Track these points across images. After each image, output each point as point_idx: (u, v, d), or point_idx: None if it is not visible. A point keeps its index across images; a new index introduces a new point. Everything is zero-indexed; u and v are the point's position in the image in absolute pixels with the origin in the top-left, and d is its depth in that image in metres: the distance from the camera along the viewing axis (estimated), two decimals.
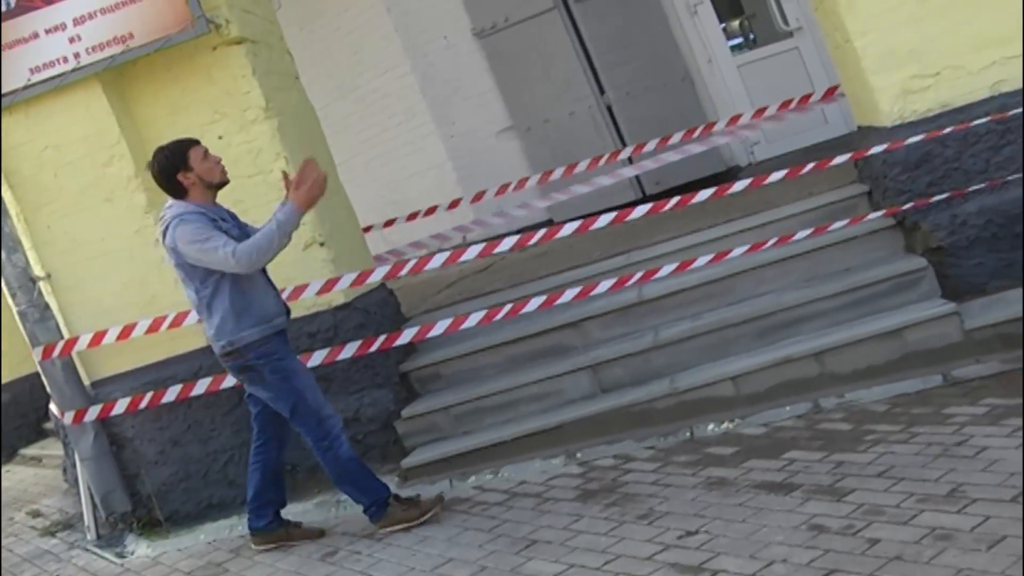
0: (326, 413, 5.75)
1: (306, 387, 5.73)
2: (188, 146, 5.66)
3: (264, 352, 5.63)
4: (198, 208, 5.57)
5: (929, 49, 6.25)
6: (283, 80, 7.42)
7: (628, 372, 6.59)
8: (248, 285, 5.61)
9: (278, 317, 5.73)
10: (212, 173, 5.68)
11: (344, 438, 5.79)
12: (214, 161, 5.71)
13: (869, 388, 5.94)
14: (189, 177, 5.60)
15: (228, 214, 5.79)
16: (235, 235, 5.59)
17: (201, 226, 5.47)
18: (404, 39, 10.73)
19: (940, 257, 6.33)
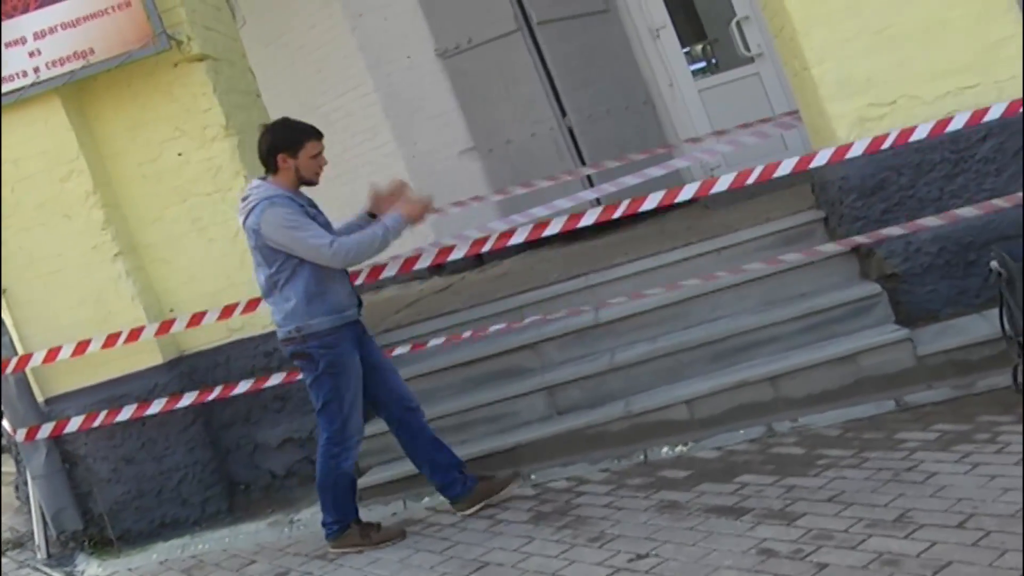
0: (353, 424, 5.71)
1: (347, 390, 5.65)
2: (309, 136, 5.63)
3: (327, 342, 5.57)
4: (287, 193, 5.54)
5: (885, 78, 6.33)
6: (244, 98, 7.43)
7: (584, 394, 6.62)
8: (325, 273, 5.56)
9: (349, 309, 5.68)
10: (310, 171, 5.66)
11: (354, 454, 5.76)
12: (319, 164, 5.69)
13: (822, 413, 5.97)
14: (288, 162, 5.57)
15: (307, 203, 5.76)
16: (321, 222, 5.58)
17: (294, 212, 5.45)
18: (368, 58, 10.72)
19: (894, 284, 6.40)
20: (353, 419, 5.72)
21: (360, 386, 5.74)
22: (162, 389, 6.75)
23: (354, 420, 5.72)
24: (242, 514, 6.89)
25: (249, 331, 6.96)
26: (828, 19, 6.35)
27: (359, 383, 5.73)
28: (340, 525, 5.80)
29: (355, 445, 5.77)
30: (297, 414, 6.93)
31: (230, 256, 6.97)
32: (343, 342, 5.63)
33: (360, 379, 5.74)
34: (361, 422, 5.80)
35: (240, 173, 6.90)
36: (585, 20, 10.31)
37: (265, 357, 6.91)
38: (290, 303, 5.57)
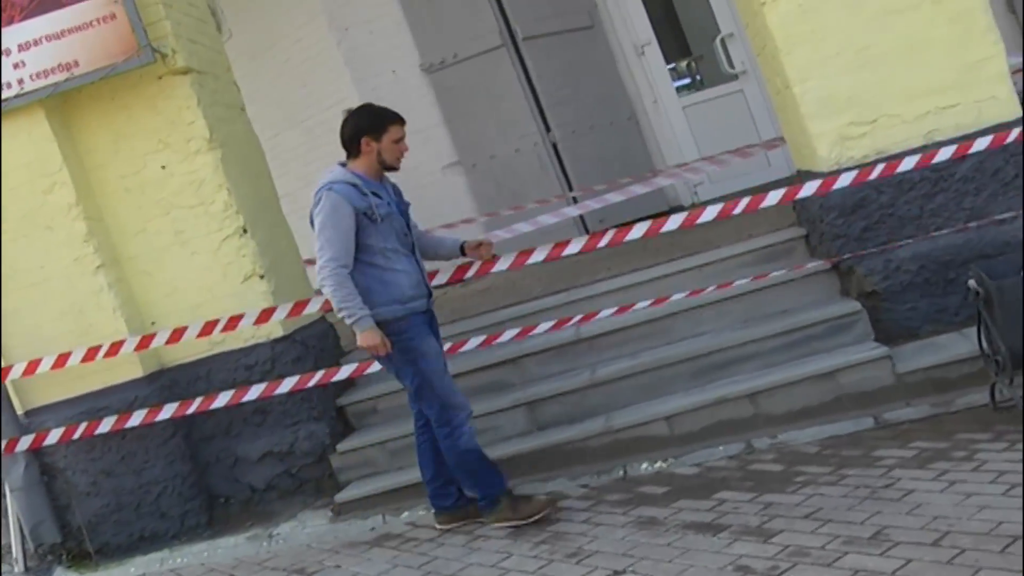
0: (452, 402, 5.65)
1: (433, 372, 5.61)
2: (392, 120, 5.68)
3: (395, 330, 5.53)
4: (354, 179, 5.53)
5: (866, 97, 6.39)
6: (228, 111, 7.44)
7: (564, 409, 6.63)
8: (386, 264, 5.55)
9: (416, 300, 5.62)
10: (392, 156, 5.67)
11: (467, 429, 5.67)
12: (401, 150, 5.70)
13: (802, 429, 6.00)
14: (372, 146, 5.60)
15: (392, 189, 5.77)
16: (381, 213, 5.51)
17: (340, 208, 5.41)
18: (353, 72, 10.73)
19: (874, 301, 6.43)
20: (453, 399, 5.66)
21: (443, 365, 5.71)
22: (142, 402, 6.74)
23: (455, 399, 5.66)
24: (221, 528, 6.87)
25: (230, 344, 6.96)
26: (810, 38, 6.40)
27: (441, 362, 5.69)
28: (489, 499, 5.73)
29: (464, 421, 5.66)
30: (278, 428, 6.94)
31: (212, 269, 6.97)
32: (410, 328, 5.59)
33: (441, 358, 5.72)
34: (461, 397, 5.72)
35: (223, 186, 6.90)
36: (570, 36, 10.35)
37: (246, 370, 6.91)
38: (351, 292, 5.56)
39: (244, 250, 6.96)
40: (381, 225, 5.51)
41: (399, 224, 5.65)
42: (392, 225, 5.59)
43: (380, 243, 5.51)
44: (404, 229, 5.67)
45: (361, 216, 5.45)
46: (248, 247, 6.96)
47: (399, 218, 5.66)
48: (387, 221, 5.55)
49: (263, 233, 7.18)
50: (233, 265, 6.97)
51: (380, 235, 5.51)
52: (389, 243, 5.55)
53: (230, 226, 6.95)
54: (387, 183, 5.77)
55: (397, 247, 5.59)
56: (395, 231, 5.60)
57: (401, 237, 5.63)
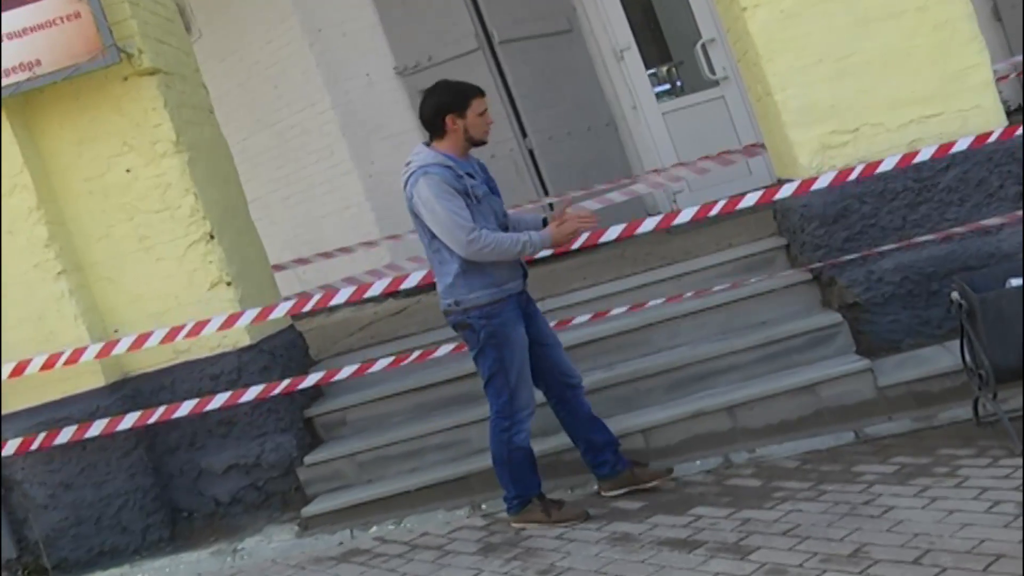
0: (521, 396, 5.60)
1: (513, 362, 5.55)
2: (474, 94, 5.56)
3: (487, 314, 5.49)
4: (445, 160, 5.43)
5: (848, 106, 6.40)
6: (196, 113, 7.39)
7: (537, 422, 6.42)
8: None
9: (511, 282, 5.56)
10: (479, 130, 5.55)
11: (526, 427, 5.64)
12: (488, 122, 5.59)
13: (780, 444, 6.01)
14: (457, 123, 5.49)
15: (478, 166, 5.67)
16: (479, 193, 5.45)
17: (445, 184, 5.34)
18: (325, 75, 10.70)
19: (855, 313, 6.44)
20: (521, 392, 5.60)
21: (526, 358, 5.63)
22: (104, 412, 6.66)
23: (522, 393, 5.61)
24: (184, 543, 6.81)
25: (195, 353, 6.91)
26: (792, 45, 6.41)
27: (525, 355, 5.62)
28: (520, 500, 5.70)
29: (526, 419, 5.64)
30: (244, 439, 6.89)
31: (177, 276, 6.93)
32: (504, 313, 5.52)
33: (526, 351, 5.63)
34: (531, 395, 5.68)
35: (190, 191, 6.86)
36: (548, 40, 10.33)
37: (211, 380, 6.86)
38: (449, 276, 5.51)
39: (211, 256, 6.91)
40: (480, 206, 5.46)
41: (495, 204, 5.60)
42: (491, 205, 5.55)
43: (480, 224, 5.41)
44: (500, 209, 5.63)
45: (463, 196, 5.39)
46: (215, 253, 6.91)
47: (494, 197, 5.61)
48: (485, 201, 5.50)
49: (230, 239, 7.13)
50: (199, 272, 6.92)
51: (481, 216, 5.44)
52: (489, 224, 5.47)
53: (196, 231, 6.90)
54: (471, 162, 5.65)
55: (495, 227, 5.52)
56: (493, 211, 5.55)
57: (499, 218, 5.59)
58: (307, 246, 10.57)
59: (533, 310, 5.81)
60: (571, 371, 5.84)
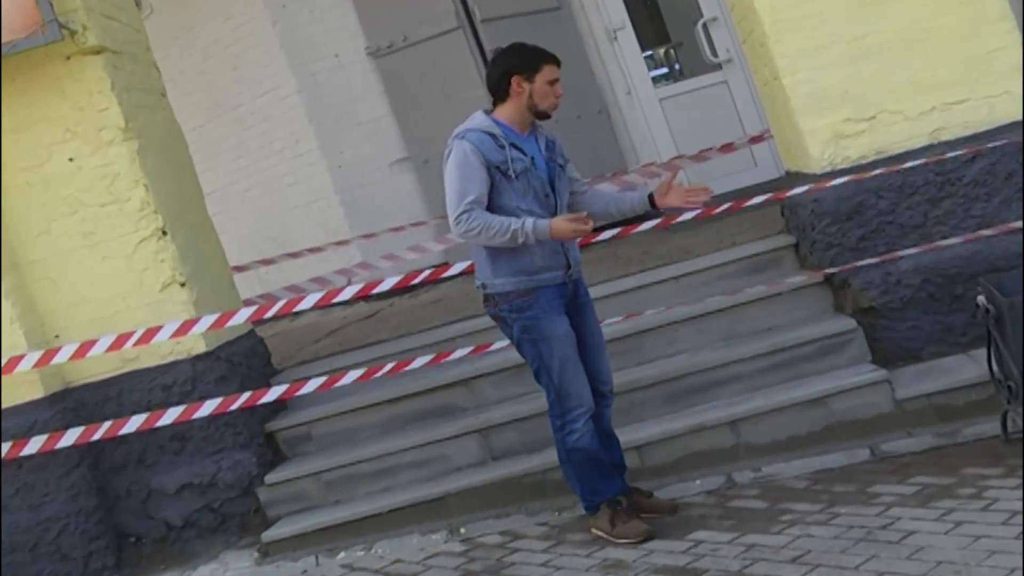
0: (569, 391, 5.50)
1: (555, 357, 5.46)
2: (548, 59, 5.56)
3: (518, 306, 5.44)
4: (494, 127, 5.41)
5: (864, 91, 6.37)
6: (147, 97, 7.33)
7: (522, 437, 6.59)
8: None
9: (547, 271, 5.47)
10: (546, 99, 5.51)
11: (580, 427, 5.51)
12: (557, 93, 5.54)
13: (788, 462, 5.99)
14: (524, 86, 5.47)
15: (546, 143, 5.61)
16: (519, 168, 5.38)
17: (469, 159, 5.32)
18: (290, 55, 10.65)
19: (871, 319, 6.41)
20: (570, 390, 5.50)
21: (572, 353, 5.53)
22: (43, 426, 6.60)
23: (572, 391, 5.50)
24: (131, 571, 6.75)
25: (145, 361, 6.85)
26: (802, 24, 6.38)
27: (569, 350, 5.52)
28: (589, 504, 5.66)
29: (579, 418, 5.51)
30: (198, 456, 6.83)
31: (126, 276, 6.87)
32: (537, 305, 5.46)
33: (571, 345, 5.53)
34: (584, 393, 5.54)
35: (140, 182, 6.80)
36: (534, 18, 10.31)
37: (163, 391, 6.80)
38: (477, 257, 5.53)
39: (163, 254, 6.85)
40: (516, 182, 5.39)
41: (538, 183, 5.49)
42: (530, 183, 5.45)
43: (513, 202, 5.38)
44: (545, 189, 5.51)
45: (494, 171, 5.35)
46: (167, 251, 6.86)
47: (539, 176, 5.50)
48: (524, 178, 5.42)
49: (185, 235, 7.08)
50: (150, 271, 6.87)
51: (515, 193, 5.39)
52: (524, 203, 5.41)
53: (147, 227, 6.84)
54: (540, 135, 5.62)
55: (534, 208, 5.44)
56: (533, 190, 5.46)
57: (540, 198, 5.48)
58: (270, 244, 10.53)
59: (583, 302, 5.73)
60: (604, 377, 5.76)
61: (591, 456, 5.58)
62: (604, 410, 5.74)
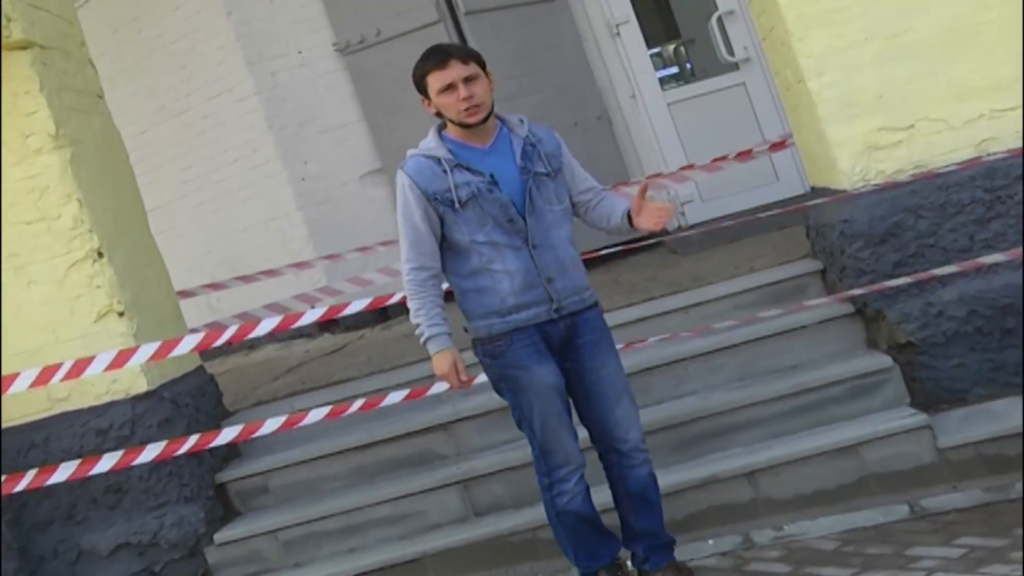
0: (554, 450, 5.37)
1: (534, 410, 5.33)
2: (428, 68, 5.30)
3: (490, 351, 5.34)
4: (436, 149, 5.30)
5: (901, 96, 6.37)
6: (82, 99, 7.33)
7: (509, 491, 6.59)
8: (481, 263, 5.30)
9: (523, 310, 5.29)
10: (452, 110, 5.29)
11: (571, 487, 5.41)
12: (457, 98, 5.26)
13: (814, 519, 5.97)
14: (431, 107, 5.37)
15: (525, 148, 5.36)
16: (464, 195, 5.21)
17: (405, 197, 5.28)
18: (247, 52, 10.65)
19: (909, 355, 6.39)
20: (554, 447, 5.37)
21: (555, 406, 5.36)
22: None
23: (557, 448, 5.37)
24: None
25: (77, 401, 6.87)
26: (830, 19, 6.39)
27: (553, 400, 5.36)
28: (584, 571, 5.60)
29: (569, 477, 5.41)
30: (137, 511, 6.82)
31: (56, 303, 6.88)
32: (512, 351, 5.31)
33: (557, 394, 5.37)
34: (568, 449, 5.40)
35: (73, 196, 6.81)
36: (525, 10, 10.34)
37: (97, 435, 6.78)
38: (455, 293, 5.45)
39: (98, 279, 6.87)
40: (465, 212, 5.25)
41: (496, 207, 5.29)
42: (484, 209, 5.27)
43: (467, 235, 5.26)
44: (508, 213, 5.28)
45: (436, 203, 5.25)
46: (104, 275, 6.88)
47: (498, 198, 5.29)
48: (474, 205, 5.26)
49: (124, 257, 7.09)
50: (84, 299, 6.89)
51: (466, 225, 5.26)
52: (481, 234, 5.27)
53: (80, 248, 6.86)
54: (516, 139, 5.40)
55: (496, 237, 5.29)
56: (491, 216, 5.28)
57: (502, 224, 5.29)
58: (222, 267, 10.52)
59: (585, 342, 5.48)
60: (622, 431, 5.52)
61: (584, 520, 5.52)
62: (628, 471, 5.56)
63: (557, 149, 5.49)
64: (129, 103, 10.32)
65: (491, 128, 5.38)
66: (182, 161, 11.08)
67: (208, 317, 9.79)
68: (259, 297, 9.33)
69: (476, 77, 5.26)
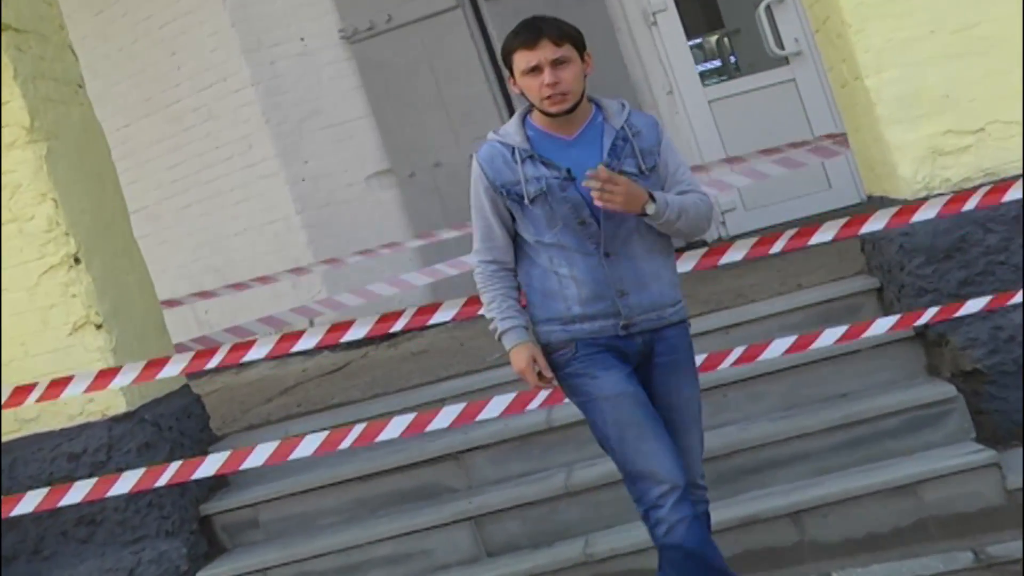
0: (640, 472, 5.08)
1: (607, 423, 5.11)
2: (514, 46, 5.11)
3: (556, 361, 5.12)
4: (512, 135, 5.15)
5: (970, 96, 6.34)
6: (60, 88, 7.34)
7: (526, 529, 6.57)
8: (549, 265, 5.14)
9: (587, 322, 5.10)
10: (536, 96, 5.09)
11: (666, 512, 5.02)
12: (542, 82, 5.04)
13: (867, 566, 5.94)
14: (515, 86, 5.19)
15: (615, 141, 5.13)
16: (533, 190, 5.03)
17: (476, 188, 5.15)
18: (244, 38, 10.68)
19: (975, 384, 6.37)
20: (639, 466, 5.08)
21: (635, 414, 5.10)
22: None
23: (643, 468, 5.07)
24: None
25: (48, 422, 6.88)
26: (891, 9, 6.36)
27: (630, 409, 5.11)
28: None
29: (663, 501, 5.03)
30: (112, 545, 6.82)
31: (27, 313, 6.89)
32: (576, 362, 5.14)
33: (634, 403, 5.11)
34: (656, 467, 5.05)
35: (48, 195, 6.83)
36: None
37: (69, 461, 6.79)
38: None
39: (74, 287, 6.88)
40: (534, 209, 5.10)
41: (567, 207, 5.12)
42: (554, 208, 5.11)
43: (533, 235, 5.13)
44: (580, 214, 5.11)
45: (503, 196, 5.12)
46: (80, 283, 6.89)
47: (569, 197, 5.11)
48: (543, 203, 5.10)
49: (103, 264, 7.11)
50: (58, 309, 6.89)
51: (533, 224, 5.13)
52: (548, 235, 5.12)
53: (56, 252, 6.88)
54: (608, 129, 5.18)
55: (563, 241, 5.12)
56: (561, 217, 5.11)
57: (572, 225, 5.12)
58: (212, 276, 10.53)
59: (663, 362, 5.28)
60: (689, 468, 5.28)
61: (692, 555, 5.12)
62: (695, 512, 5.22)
63: (656, 144, 5.22)
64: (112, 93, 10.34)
65: (581, 116, 5.18)
66: (170, 158, 11.10)
67: (195, 330, 9.80)
68: (252, 308, 9.35)
69: (567, 61, 5.03)
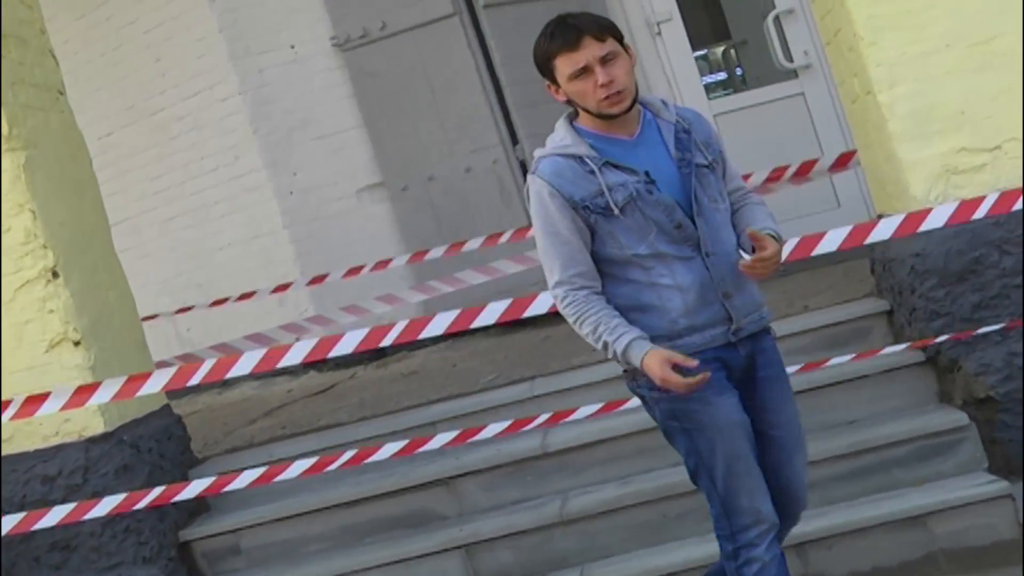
0: (741, 507, 4.89)
1: (717, 454, 4.86)
2: (554, 51, 4.88)
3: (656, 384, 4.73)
4: (573, 146, 4.88)
5: (986, 112, 6.35)
6: (40, 95, 7.35)
7: (519, 558, 6.57)
8: (645, 278, 4.83)
9: (696, 332, 4.81)
10: (587, 98, 4.85)
11: (762, 552, 4.86)
12: (593, 84, 4.82)
13: None
14: (557, 94, 4.95)
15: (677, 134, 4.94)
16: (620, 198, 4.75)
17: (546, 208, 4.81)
18: (231, 45, 10.67)
19: (989, 412, 6.36)
20: (739, 502, 4.89)
21: (742, 449, 4.90)
22: None
23: (742, 504, 4.87)
24: None
25: (21, 443, 6.87)
26: (906, 22, 6.37)
27: (741, 441, 4.90)
28: None
29: (760, 541, 4.89)
30: (87, 572, 6.81)
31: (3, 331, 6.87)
32: None
33: (745, 434, 4.91)
34: (759, 506, 4.89)
35: (25, 206, 6.83)
36: (553, 5, 10.21)
37: (43, 484, 6.79)
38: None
39: (52, 303, 6.89)
40: (624, 219, 4.83)
41: (660, 210, 4.86)
42: (646, 215, 4.84)
43: (626, 251, 4.84)
44: (675, 217, 4.83)
45: (585, 211, 4.82)
46: (58, 298, 6.89)
47: (662, 199, 4.83)
48: (633, 211, 4.82)
49: (83, 278, 7.12)
50: (34, 324, 6.90)
51: (624, 236, 4.84)
52: (643, 246, 4.85)
53: (32, 266, 6.88)
54: (663, 124, 4.99)
55: (660, 249, 4.85)
56: (654, 223, 4.84)
57: (668, 230, 4.82)
58: (195, 292, 10.52)
59: (767, 376, 5.07)
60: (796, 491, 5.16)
61: None
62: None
63: (710, 136, 5.04)
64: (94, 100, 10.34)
65: (635, 114, 4.97)
66: (153, 168, 11.09)
67: (177, 348, 9.81)
68: (237, 326, 9.34)
69: (615, 56, 4.84)
